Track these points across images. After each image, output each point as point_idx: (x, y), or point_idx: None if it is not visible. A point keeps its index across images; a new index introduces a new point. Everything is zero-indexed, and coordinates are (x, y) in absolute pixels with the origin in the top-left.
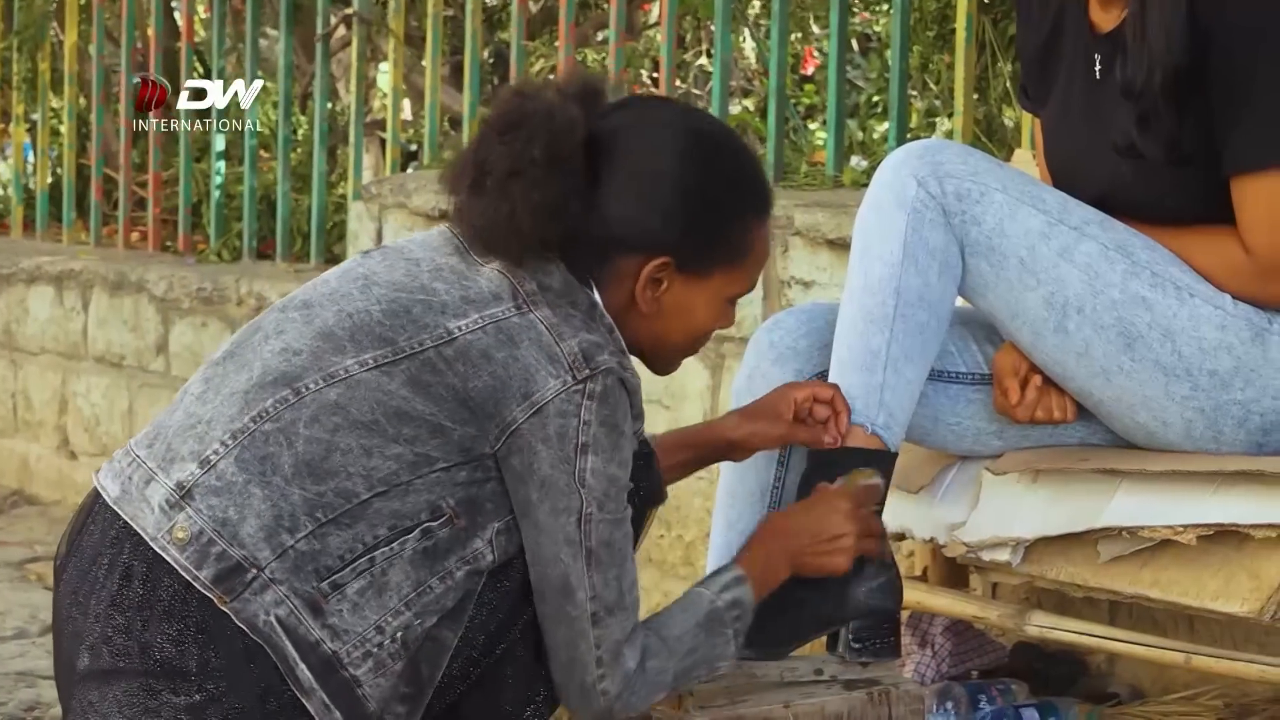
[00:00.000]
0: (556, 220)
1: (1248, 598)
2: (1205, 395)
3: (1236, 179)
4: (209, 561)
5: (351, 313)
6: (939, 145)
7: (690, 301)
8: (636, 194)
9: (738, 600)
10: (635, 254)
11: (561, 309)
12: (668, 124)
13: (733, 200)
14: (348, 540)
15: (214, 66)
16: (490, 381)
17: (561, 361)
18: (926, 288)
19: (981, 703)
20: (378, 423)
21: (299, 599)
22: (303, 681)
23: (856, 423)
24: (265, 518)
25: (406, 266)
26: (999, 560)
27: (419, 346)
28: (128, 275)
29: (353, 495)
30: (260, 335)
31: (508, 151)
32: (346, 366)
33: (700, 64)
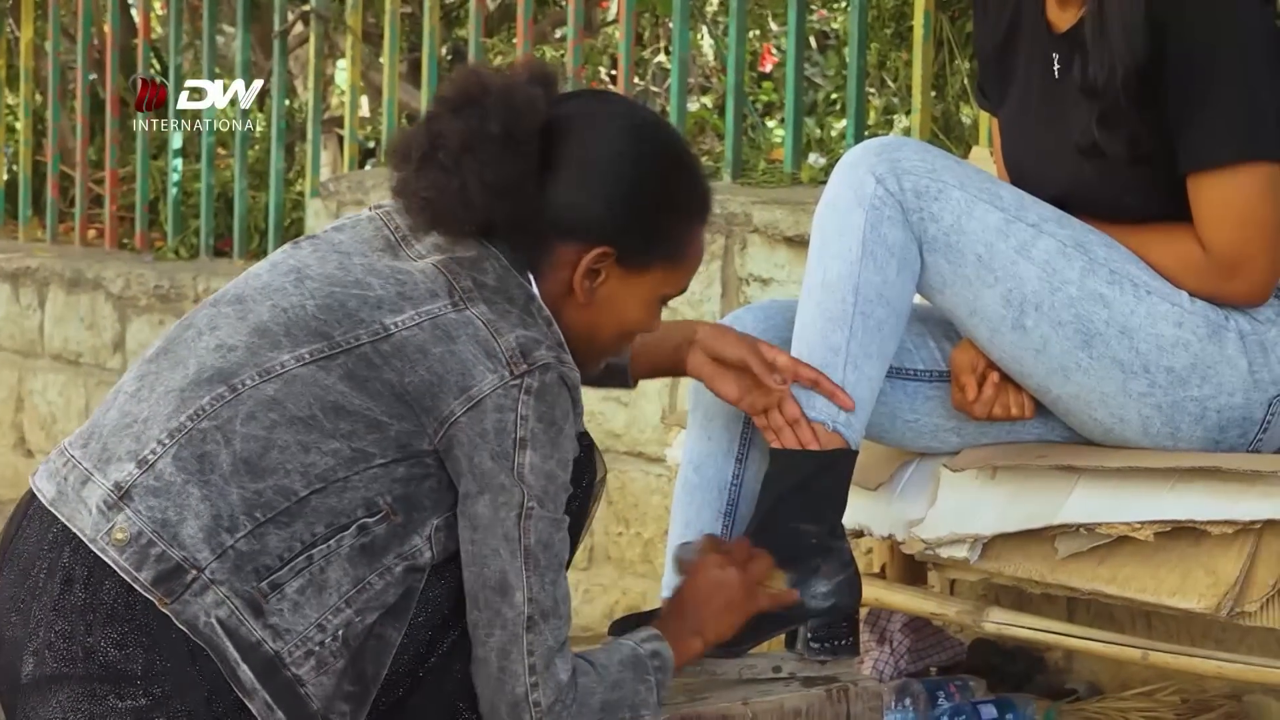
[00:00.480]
0: (507, 199)
1: (1204, 594)
2: (1162, 392)
3: (1193, 176)
4: (149, 563)
5: (286, 307)
6: (897, 142)
7: (625, 296)
8: (587, 182)
9: (658, 652)
10: (577, 242)
11: (498, 305)
12: (622, 116)
13: (678, 198)
14: (286, 539)
15: (171, 64)
16: (427, 376)
17: (499, 357)
18: (885, 285)
19: (940, 699)
20: (315, 418)
21: (240, 599)
22: (245, 683)
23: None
24: (204, 518)
25: (339, 259)
26: (957, 557)
27: (355, 342)
28: (84, 273)
29: (291, 493)
30: (193, 331)
31: (464, 126)
32: (283, 362)
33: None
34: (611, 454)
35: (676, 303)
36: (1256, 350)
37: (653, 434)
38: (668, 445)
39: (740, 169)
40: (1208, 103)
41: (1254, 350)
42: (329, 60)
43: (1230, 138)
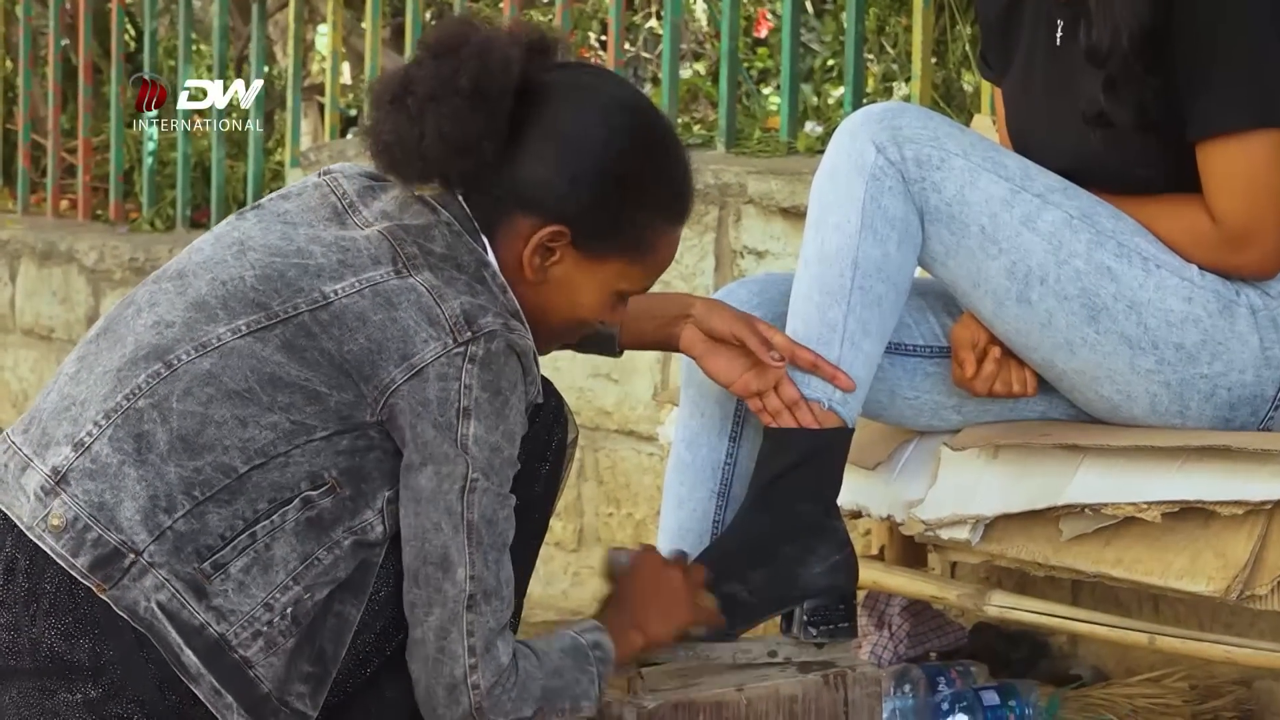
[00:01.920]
0: (465, 157)
1: (1214, 576)
2: (1171, 369)
3: (1202, 144)
4: (85, 548)
5: (225, 280)
6: (898, 109)
7: (578, 282)
8: (553, 155)
9: (600, 643)
10: (534, 215)
11: (444, 272)
12: (611, 98)
13: (650, 195)
14: (227, 517)
15: (146, 29)
16: (366, 344)
17: (442, 324)
18: (885, 259)
19: (940, 685)
20: (252, 391)
21: (180, 582)
22: (189, 667)
23: (813, 398)
24: (141, 499)
25: (282, 229)
26: (958, 538)
27: (293, 310)
28: (57, 245)
29: (230, 470)
30: (133, 309)
31: (435, 74)
32: (219, 335)
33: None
34: (602, 432)
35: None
36: (1268, 326)
37: (644, 412)
38: (660, 423)
39: (734, 138)
40: (1217, 68)
41: (1265, 326)
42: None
43: (1241, 104)
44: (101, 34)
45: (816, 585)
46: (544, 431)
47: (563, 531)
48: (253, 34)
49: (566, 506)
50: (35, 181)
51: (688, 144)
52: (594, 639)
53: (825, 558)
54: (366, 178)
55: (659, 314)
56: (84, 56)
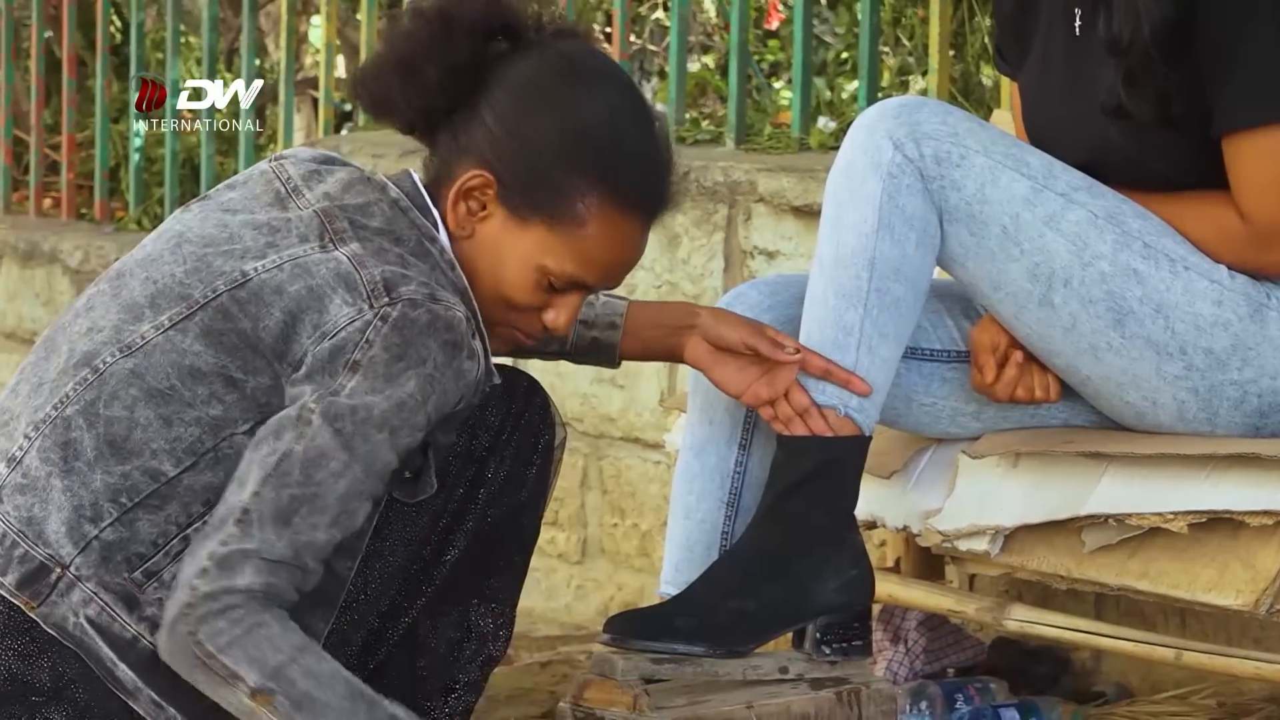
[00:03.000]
0: (411, 80)
1: (1242, 590)
2: (1200, 375)
3: (1229, 138)
4: (12, 566)
5: (157, 278)
6: (916, 103)
7: (502, 246)
8: (501, 102)
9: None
10: (470, 162)
11: (373, 243)
12: (598, 68)
13: (599, 162)
14: (159, 523)
15: (133, 20)
16: (281, 318)
17: (359, 290)
18: (903, 259)
19: (958, 703)
20: (174, 388)
21: (109, 594)
22: (125, 683)
23: (828, 405)
24: (65, 510)
25: (220, 218)
26: (977, 550)
27: (213, 294)
28: (40, 245)
29: (159, 474)
30: (71, 315)
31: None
32: (143, 333)
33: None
34: (607, 440)
35: (676, 276)
36: None
37: (650, 418)
38: (667, 430)
39: (744, 134)
40: (1243, 61)
41: None
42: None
43: (1269, 96)
44: (86, 26)
45: (831, 601)
46: (530, 434)
47: (566, 543)
48: (244, 26)
49: (570, 517)
50: (17, 179)
51: (695, 140)
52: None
53: (840, 572)
54: (315, 162)
55: (662, 323)
56: (68, 49)
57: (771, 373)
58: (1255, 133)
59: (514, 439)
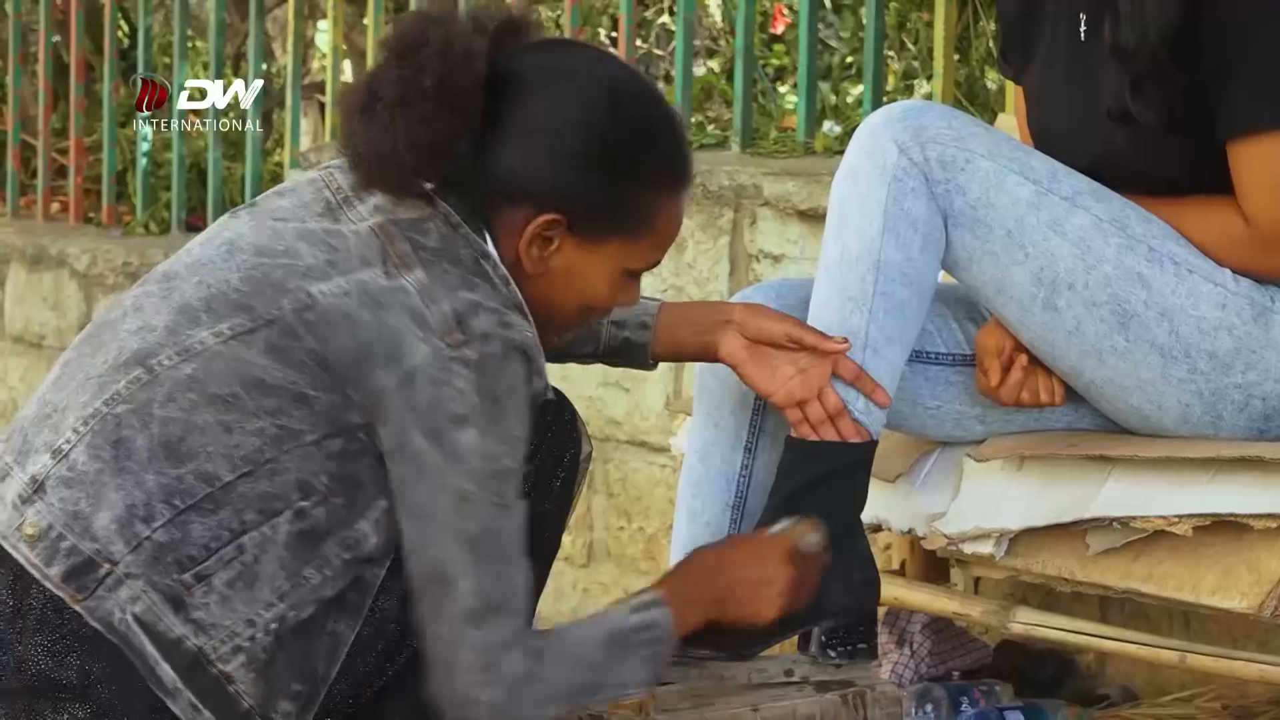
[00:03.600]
0: (441, 159)
1: (1247, 592)
2: (1204, 378)
3: (1233, 143)
4: (59, 558)
5: (211, 283)
6: (921, 107)
7: (582, 268)
8: (533, 143)
9: (650, 623)
10: (524, 207)
11: (436, 267)
12: (585, 73)
13: (641, 166)
14: (212, 528)
15: (140, 25)
16: (352, 345)
17: (431, 326)
18: (908, 262)
19: (963, 705)
20: (237, 396)
21: (158, 593)
22: (165, 682)
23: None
24: (118, 508)
25: (273, 228)
26: (982, 553)
27: (278, 312)
28: (47, 249)
29: (214, 478)
30: (119, 313)
31: (399, 77)
32: (202, 339)
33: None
34: (612, 443)
35: (682, 281)
36: None
37: (656, 422)
38: (672, 434)
39: (750, 138)
40: (1248, 65)
41: None
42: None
43: (1273, 99)
44: (94, 30)
45: (837, 605)
46: (556, 448)
47: (572, 546)
48: (250, 30)
49: (576, 520)
50: (25, 183)
51: (701, 144)
52: (645, 620)
53: (847, 576)
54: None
55: (696, 322)
56: (76, 53)
57: (807, 373)
58: (1260, 137)
59: (540, 451)
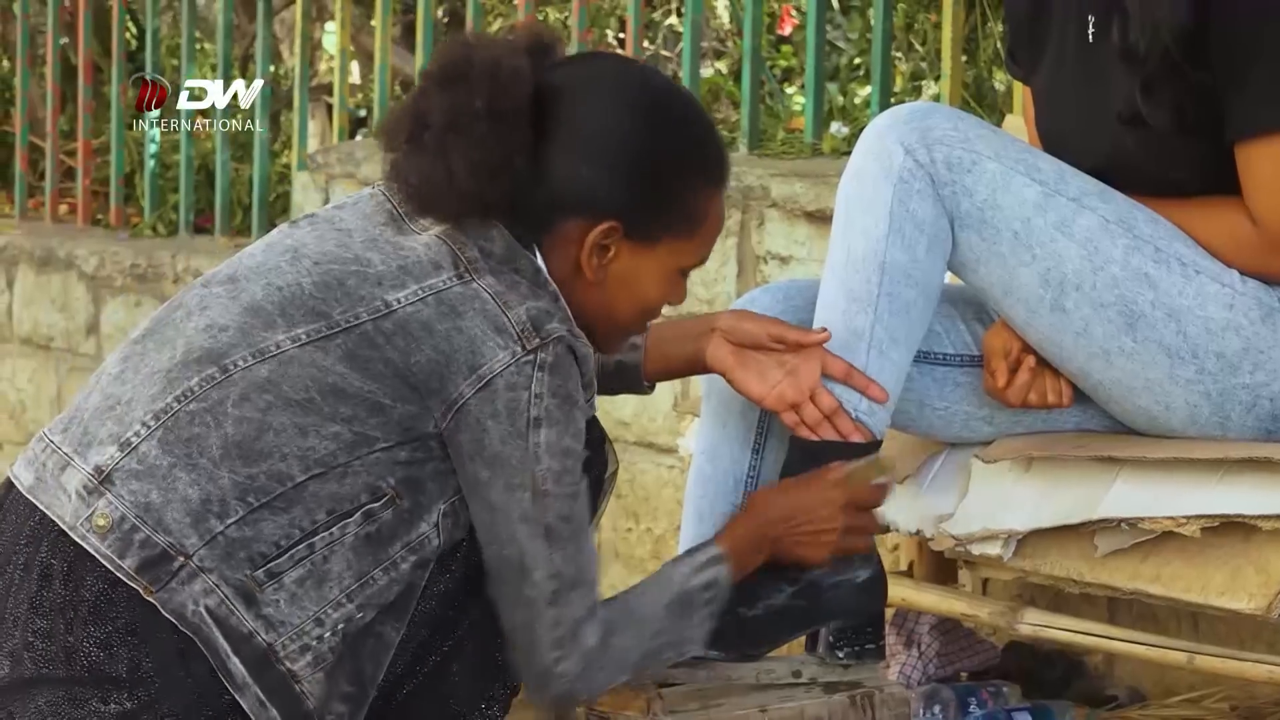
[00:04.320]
0: (499, 179)
1: (1255, 593)
2: (1212, 379)
3: (1242, 144)
4: (133, 550)
5: (281, 286)
6: (927, 109)
7: (638, 272)
8: (584, 152)
9: (713, 581)
10: (581, 217)
11: (505, 275)
12: (621, 80)
13: (686, 165)
14: (283, 526)
15: (148, 26)
16: (433, 355)
17: (509, 332)
18: (914, 264)
19: (971, 706)
20: (313, 400)
21: (230, 588)
22: (235, 676)
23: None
24: (192, 502)
25: (338, 237)
26: (990, 554)
27: (355, 320)
28: (56, 251)
29: (287, 478)
30: (182, 312)
31: (449, 104)
32: (278, 342)
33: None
34: (620, 444)
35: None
36: None
37: (664, 423)
38: (680, 435)
39: (758, 139)
40: (1257, 67)
41: None
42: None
43: None
44: (102, 32)
45: (845, 605)
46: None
47: None
48: (258, 32)
49: None
50: (33, 185)
51: None
52: (708, 578)
53: (854, 577)
54: None
55: (683, 334)
56: (83, 56)
57: (795, 373)
58: (1268, 138)
59: None
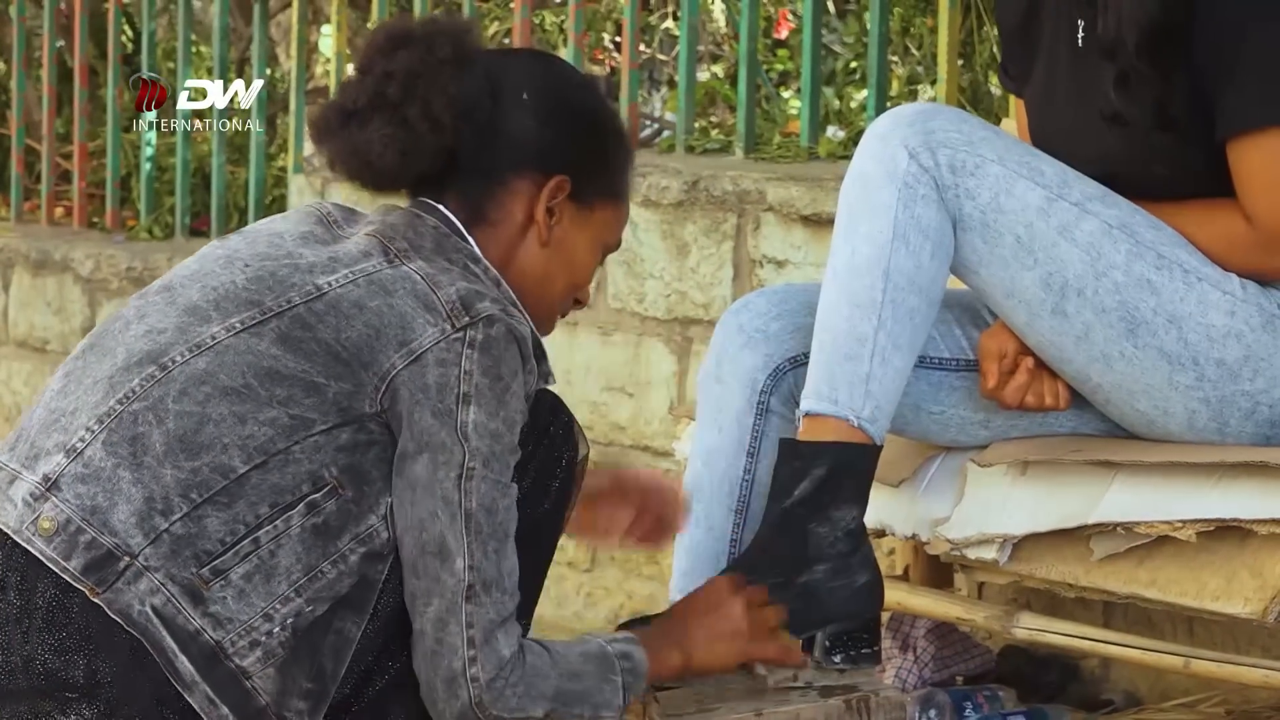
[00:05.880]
0: (470, 120)
1: (1251, 598)
2: (1211, 386)
3: (1233, 142)
4: (78, 551)
5: (216, 286)
6: (931, 110)
7: (575, 240)
8: (535, 109)
9: (629, 654)
10: (532, 170)
11: (436, 262)
12: (540, 56)
13: (620, 134)
14: (228, 522)
15: (144, 30)
16: (364, 330)
17: (439, 310)
18: (918, 270)
19: (967, 710)
20: (249, 386)
21: (177, 586)
22: (184, 675)
23: (841, 416)
24: (136, 501)
25: (270, 239)
26: (985, 558)
27: (288, 304)
28: (51, 254)
29: (229, 470)
30: (121, 323)
31: (410, 57)
32: (214, 334)
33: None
34: (617, 448)
35: (685, 286)
36: None
37: (660, 426)
38: (676, 439)
39: (753, 143)
40: (1245, 64)
41: None
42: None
43: (1271, 97)
44: (98, 35)
45: (841, 610)
46: (554, 450)
47: (575, 551)
48: (254, 35)
49: None
50: (29, 188)
51: (705, 149)
52: (623, 649)
53: (851, 582)
54: (351, 207)
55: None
56: (80, 58)
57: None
58: (1259, 135)
59: (538, 454)
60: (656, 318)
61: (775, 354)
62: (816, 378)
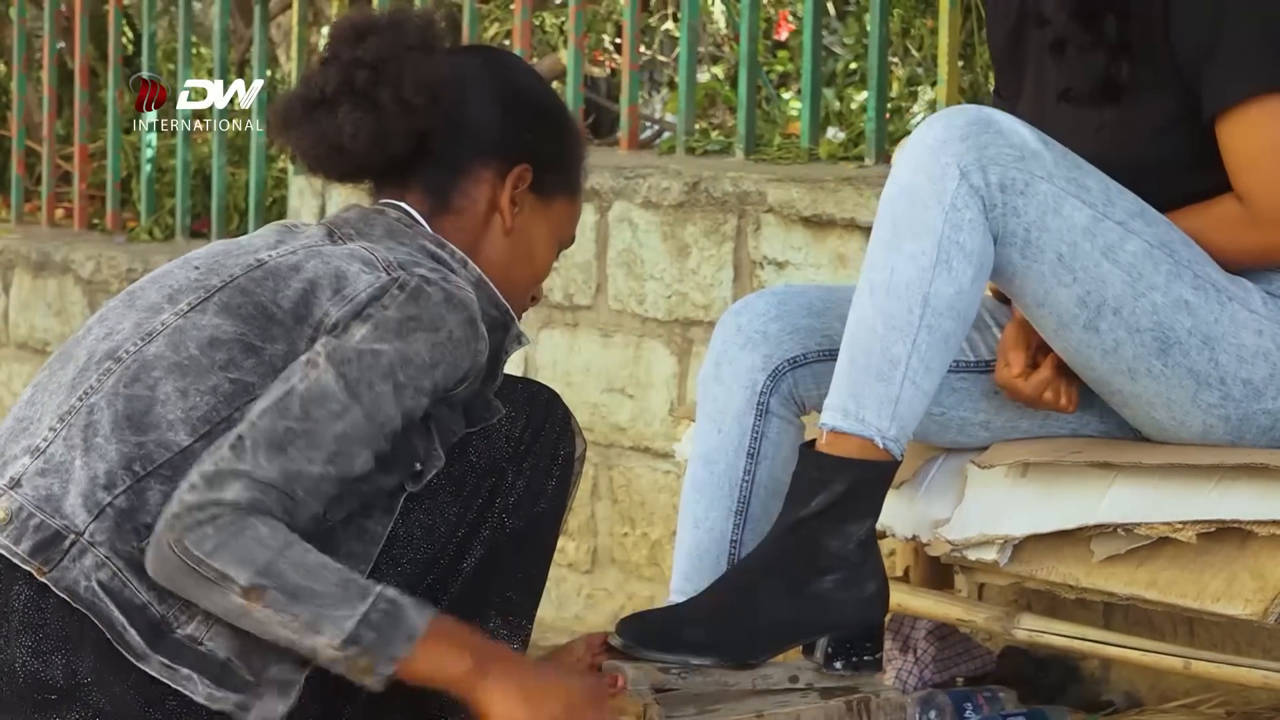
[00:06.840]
0: (438, 104)
1: (1251, 599)
2: (1235, 405)
3: (1220, 119)
4: (27, 534)
5: (170, 284)
6: (984, 121)
7: (535, 232)
8: (498, 98)
9: (400, 606)
10: (496, 158)
11: (384, 243)
12: (506, 53)
13: (576, 130)
14: (168, 494)
15: (144, 31)
16: (300, 286)
17: (377, 266)
18: (959, 295)
19: (967, 711)
20: (193, 357)
21: (121, 560)
22: (135, 648)
23: (866, 435)
24: (83, 483)
25: (226, 245)
26: (986, 559)
27: (230, 278)
28: (52, 255)
29: (174, 445)
30: (83, 331)
31: (379, 43)
32: (163, 320)
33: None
34: (617, 449)
35: (686, 288)
36: None
37: (660, 428)
38: (676, 440)
39: (754, 144)
40: (1224, 40)
41: None
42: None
43: (1254, 69)
44: (98, 36)
45: (847, 617)
46: (550, 446)
47: (575, 552)
48: (255, 36)
49: (580, 526)
50: (30, 189)
51: (705, 151)
52: (397, 598)
53: (859, 590)
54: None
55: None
56: (80, 60)
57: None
58: (1242, 109)
59: (534, 450)
60: (657, 319)
61: (775, 355)
62: (843, 393)
